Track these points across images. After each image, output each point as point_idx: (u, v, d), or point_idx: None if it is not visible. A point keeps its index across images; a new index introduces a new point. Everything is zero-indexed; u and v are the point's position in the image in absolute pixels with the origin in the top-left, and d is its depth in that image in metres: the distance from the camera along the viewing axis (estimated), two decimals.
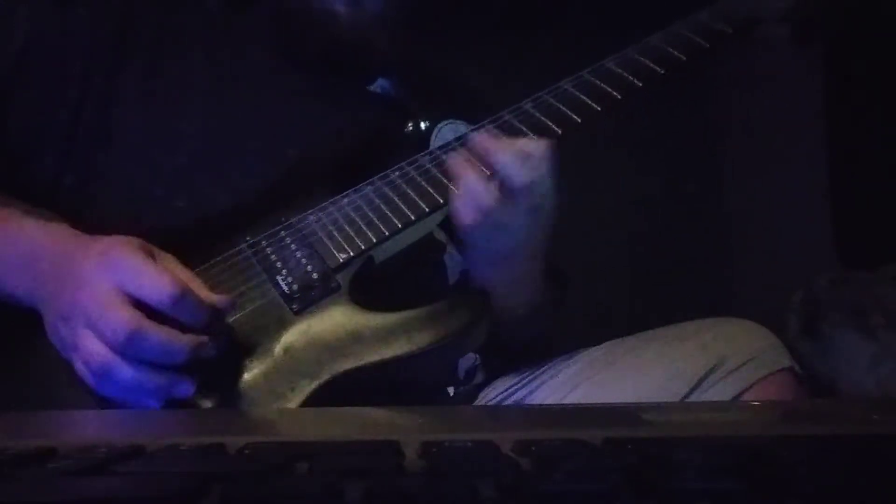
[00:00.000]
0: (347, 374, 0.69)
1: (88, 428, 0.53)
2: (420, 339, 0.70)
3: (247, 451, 0.36)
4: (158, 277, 0.62)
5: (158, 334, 0.61)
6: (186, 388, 0.63)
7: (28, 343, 0.69)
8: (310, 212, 0.77)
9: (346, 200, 0.78)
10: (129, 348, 0.61)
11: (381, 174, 0.79)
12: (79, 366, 0.63)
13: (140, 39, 0.80)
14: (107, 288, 0.62)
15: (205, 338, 0.64)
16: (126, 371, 0.61)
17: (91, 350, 0.62)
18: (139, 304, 0.62)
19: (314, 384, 0.68)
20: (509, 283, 0.81)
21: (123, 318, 0.61)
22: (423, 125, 0.86)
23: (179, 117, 0.79)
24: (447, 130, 0.90)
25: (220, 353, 0.65)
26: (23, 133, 0.77)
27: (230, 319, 0.69)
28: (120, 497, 0.28)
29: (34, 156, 0.78)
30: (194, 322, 0.64)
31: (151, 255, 0.66)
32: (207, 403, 0.66)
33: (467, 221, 0.74)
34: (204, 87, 0.81)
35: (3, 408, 0.67)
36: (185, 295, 0.62)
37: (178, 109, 0.79)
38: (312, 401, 0.67)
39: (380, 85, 0.88)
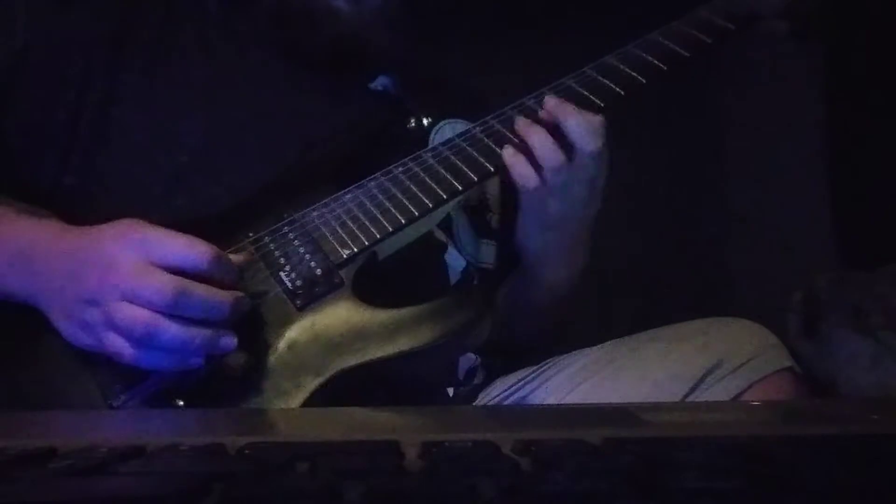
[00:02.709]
0: (352, 371, 0.69)
1: (88, 428, 0.53)
2: (424, 336, 0.70)
3: (247, 451, 0.36)
4: (188, 242, 0.64)
5: (201, 289, 0.63)
6: (230, 341, 0.65)
7: (28, 343, 0.69)
8: (312, 207, 0.77)
9: (348, 196, 0.77)
10: (175, 307, 0.62)
11: (384, 170, 0.79)
12: (114, 343, 0.63)
13: (139, 39, 0.80)
14: (137, 261, 0.63)
15: (240, 292, 0.66)
16: (172, 329, 0.62)
17: (133, 317, 0.62)
18: (171, 271, 0.64)
19: (318, 380, 0.68)
20: (555, 253, 0.83)
21: (164, 280, 0.62)
22: (424, 122, 0.87)
23: (179, 116, 0.79)
24: (447, 129, 0.90)
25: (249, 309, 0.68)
26: (22, 133, 0.77)
27: None
28: (120, 497, 0.28)
29: (34, 156, 0.78)
30: (226, 280, 0.66)
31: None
32: (240, 359, 0.67)
33: (530, 181, 0.76)
34: (204, 86, 0.81)
35: (3, 408, 0.67)
36: (218, 254, 0.65)
37: (179, 108, 0.79)
38: (316, 397, 0.68)
39: (381, 83, 0.88)
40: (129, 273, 0.63)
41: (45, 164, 0.77)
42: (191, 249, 0.64)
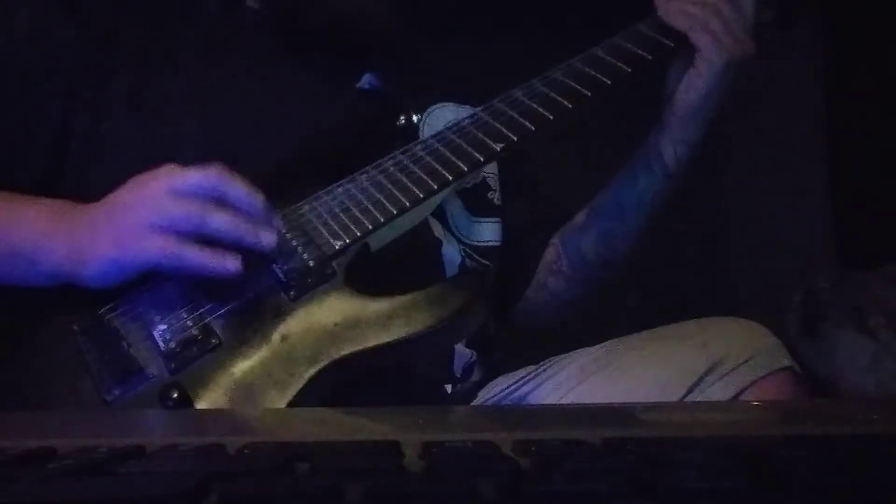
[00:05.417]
0: (346, 360, 0.69)
1: (88, 428, 0.53)
2: (418, 323, 0.70)
3: (247, 451, 0.36)
4: (200, 167, 0.68)
5: (239, 182, 0.69)
6: (271, 237, 0.70)
7: (24, 341, 0.69)
8: (304, 201, 0.77)
9: (339, 189, 0.78)
10: (220, 192, 0.68)
11: (375, 164, 0.79)
12: (162, 243, 0.67)
13: (126, 49, 0.80)
14: (153, 190, 0.67)
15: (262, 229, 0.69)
16: (221, 214, 0.67)
17: (182, 205, 0.67)
18: None
19: (312, 370, 0.68)
20: (692, 147, 0.87)
21: (206, 171, 0.68)
22: (414, 118, 0.87)
23: (171, 123, 0.79)
24: (437, 113, 0.91)
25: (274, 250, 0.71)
26: (8, 150, 0.77)
27: (226, 308, 0.71)
28: (120, 497, 0.28)
29: (23, 172, 0.78)
30: (244, 204, 0.69)
31: None
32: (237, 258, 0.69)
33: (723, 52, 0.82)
34: (194, 91, 0.81)
35: (3, 408, 0.67)
36: (227, 173, 0.69)
37: (169, 115, 0.79)
38: (311, 388, 0.67)
39: (368, 81, 0.89)
40: (170, 171, 0.68)
41: (37, 181, 0.77)
42: (205, 171, 0.69)
